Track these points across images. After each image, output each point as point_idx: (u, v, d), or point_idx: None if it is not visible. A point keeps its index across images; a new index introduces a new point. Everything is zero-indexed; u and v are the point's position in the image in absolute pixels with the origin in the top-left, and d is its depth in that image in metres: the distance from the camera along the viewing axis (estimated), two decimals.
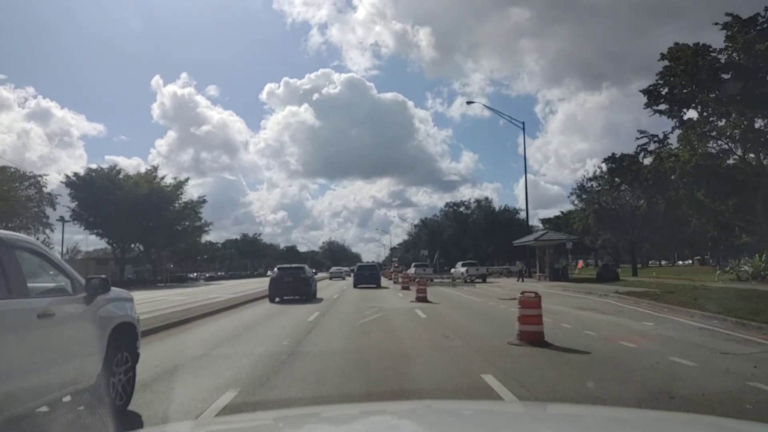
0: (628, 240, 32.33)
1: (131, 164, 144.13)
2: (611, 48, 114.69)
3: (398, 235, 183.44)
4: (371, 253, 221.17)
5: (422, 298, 17.08)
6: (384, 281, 34.67)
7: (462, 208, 72.85)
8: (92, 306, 4.20)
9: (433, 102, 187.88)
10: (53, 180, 49.77)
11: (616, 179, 28.63)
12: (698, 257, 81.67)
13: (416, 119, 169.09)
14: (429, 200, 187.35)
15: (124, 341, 4.61)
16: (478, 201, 72.75)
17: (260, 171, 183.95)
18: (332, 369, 6.35)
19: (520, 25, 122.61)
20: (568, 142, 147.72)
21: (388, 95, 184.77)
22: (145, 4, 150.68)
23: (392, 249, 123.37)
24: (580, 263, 29.59)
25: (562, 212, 73.15)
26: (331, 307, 16.09)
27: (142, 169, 50.03)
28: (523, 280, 31.37)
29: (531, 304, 7.84)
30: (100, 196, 44.41)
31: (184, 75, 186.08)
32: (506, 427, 1.84)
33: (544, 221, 74.57)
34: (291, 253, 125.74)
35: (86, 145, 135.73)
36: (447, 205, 74.97)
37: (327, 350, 7.84)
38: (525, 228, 78.68)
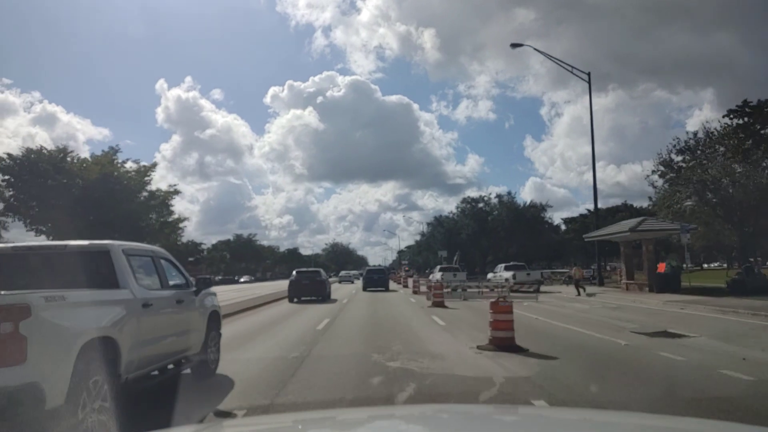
0: (743, 232, 22.82)
1: (135, 168, 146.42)
2: (617, 49, 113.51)
3: (404, 239, 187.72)
4: (377, 256, 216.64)
5: (507, 343, 7.63)
6: (392, 285, 35.30)
7: (481, 204, 64.41)
8: (199, 297, 6.06)
9: (438, 105, 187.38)
10: None
11: (747, 142, 19.16)
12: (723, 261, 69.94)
13: (421, 122, 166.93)
14: (435, 204, 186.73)
15: (214, 323, 6.48)
16: (499, 196, 64.37)
17: (265, 175, 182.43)
18: None
19: (525, 26, 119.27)
20: (574, 145, 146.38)
21: (393, 98, 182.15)
22: (149, 9, 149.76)
23: (400, 252, 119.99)
24: (662, 265, 20.35)
25: (589, 210, 65.00)
26: (301, 365, 6.80)
27: (154, 175, 40.16)
28: (583, 290, 21.12)
29: None
30: (41, 183, 35.31)
31: (188, 79, 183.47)
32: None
33: (567, 221, 66.97)
34: (293, 256, 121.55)
35: (92, 149, 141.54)
36: (464, 200, 66.72)
37: None
38: (552, 227, 70.89)
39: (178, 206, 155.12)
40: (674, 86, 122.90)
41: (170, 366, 5.34)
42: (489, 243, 61.41)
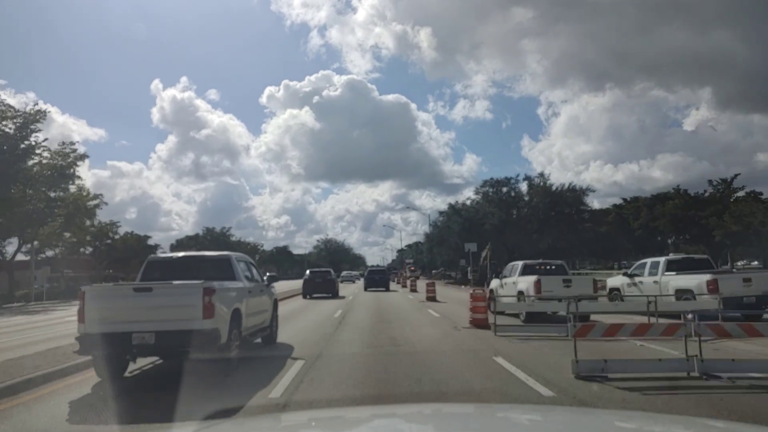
0: None
1: (133, 169, 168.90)
2: (615, 47, 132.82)
3: (403, 238, 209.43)
4: (375, 256, 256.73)
5: None
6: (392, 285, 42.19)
7: (505, 188, 64.65)
8: (269, 288, 12.06)
9: (435, 105, 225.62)
10: None
11: None
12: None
13: (419, 122, 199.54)
14: (432, 203, 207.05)
15: (275, 306, 12.33)
16: (528, 178, 64.78)
17: (262, 175, 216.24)
18: None
19: (522, 24, 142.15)
20: (571, 144, 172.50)
21: (390, 97, 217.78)
22: (144, 9, 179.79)
23: (400, 251, 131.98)
24: None
25: (625, 199, 67.70)
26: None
27: (150, 175, 38.82)
28: None
29: None
30: None
31: (183, 79, 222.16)
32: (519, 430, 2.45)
33: (600, 212, 68.63)
34: (282, 254, 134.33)
35: (88, 150, 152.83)
36: (486, 183, 66.74)
37: None
38: (596, 216, 70.02)
39: (175, 206, 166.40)
40: (672, 85, 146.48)
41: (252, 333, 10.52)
42: (519, 236, 60.74)
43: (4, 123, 32.65)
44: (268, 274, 12.60)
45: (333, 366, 9.30)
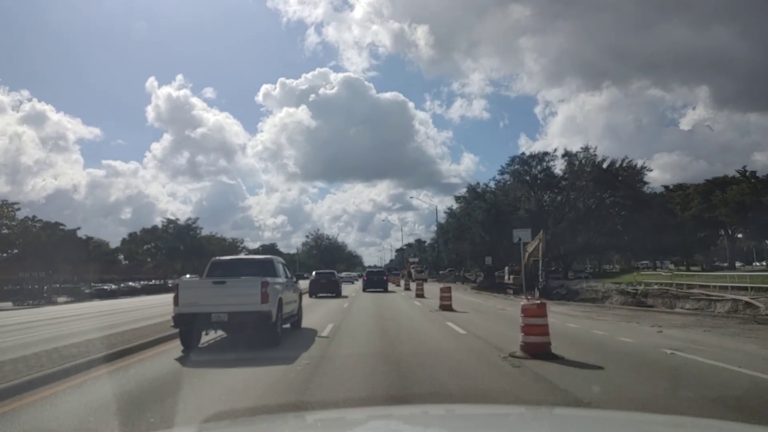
0: None
1: (128, 168, 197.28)
2: (612, 45, 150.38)
3: (398, 239, 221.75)
4: (373, 256, 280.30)
5: None
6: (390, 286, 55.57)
7: (538, 168, 64.36)
8: (296, 284, 20.28)
9: (432, 103, 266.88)
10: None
11: None
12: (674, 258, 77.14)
13: (416, 120, 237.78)
14: (430, 203, 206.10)
15: (300, 299, 20.39)
16: (568, 154, 63.05)
17: (258, 174, 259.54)
18: None
19: (520, 22, 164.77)
20: (569, 144, 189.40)
21: (387, 95, 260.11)
22: (139, 7, 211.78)
23: (399, 249, 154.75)
24: None
25: (666, 186, 66.62)
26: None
27: (145, 174, 42.15)
28: None
29: None
30: None
31: (179, 77, 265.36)
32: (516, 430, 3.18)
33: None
34: (270, 253, 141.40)
35: (82, 149, 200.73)
36: (514, 160, 66.35)
37: None
38: (665, 202, 64.76)
39: (171, 206, 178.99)
40: (669, 83, 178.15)
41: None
42: (560, 226, 59.28)
43: None
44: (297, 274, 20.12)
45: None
